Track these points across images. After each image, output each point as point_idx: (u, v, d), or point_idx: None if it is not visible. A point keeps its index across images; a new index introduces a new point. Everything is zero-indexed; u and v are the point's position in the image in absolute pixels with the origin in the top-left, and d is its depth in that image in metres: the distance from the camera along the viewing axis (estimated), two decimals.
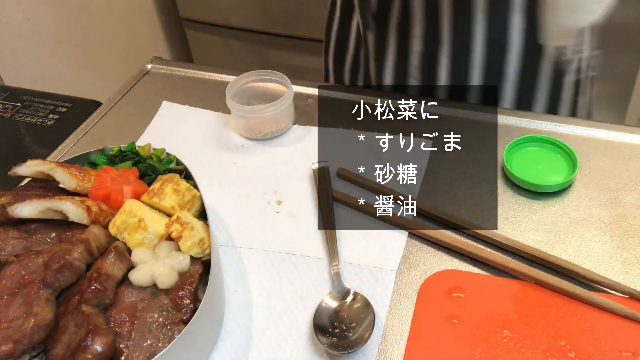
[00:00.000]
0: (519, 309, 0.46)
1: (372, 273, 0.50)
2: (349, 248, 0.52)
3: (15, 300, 0.40)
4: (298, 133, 0.66)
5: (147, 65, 0.79)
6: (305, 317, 0.47)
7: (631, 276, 0.48)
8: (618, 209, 0.54)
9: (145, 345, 0.40)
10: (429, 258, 0.51)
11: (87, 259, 0.43)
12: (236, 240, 0.54)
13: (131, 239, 0.45)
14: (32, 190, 0.49)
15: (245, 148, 0.65)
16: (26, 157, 0.50)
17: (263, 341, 0.46)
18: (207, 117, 0.69)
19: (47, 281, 0.41)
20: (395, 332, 0.46)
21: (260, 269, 0.51)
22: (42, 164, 0.49)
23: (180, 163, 0.54)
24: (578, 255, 0.50)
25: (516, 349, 0.43)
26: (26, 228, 0.46)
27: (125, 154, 0.55)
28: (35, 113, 0.74)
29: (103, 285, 0.41)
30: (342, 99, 0.70)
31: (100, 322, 0.40)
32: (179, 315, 0.42)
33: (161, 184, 0.48)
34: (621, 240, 0.51)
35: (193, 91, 0.74)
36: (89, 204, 0.46)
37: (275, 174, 0.61)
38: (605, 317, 0.45)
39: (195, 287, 0.43)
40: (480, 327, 0.45)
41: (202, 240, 0.45)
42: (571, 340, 0.44)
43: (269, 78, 0.67)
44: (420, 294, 0.48)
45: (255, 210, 0.57)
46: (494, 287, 0.48)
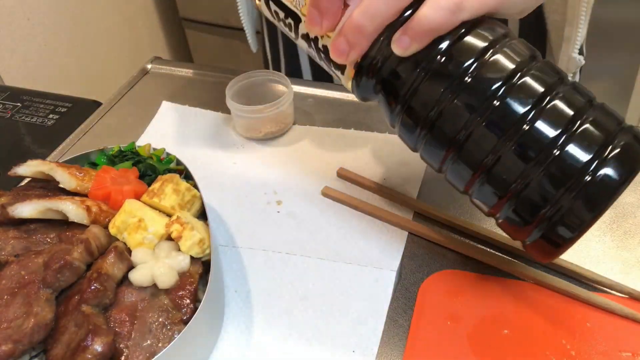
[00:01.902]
0: (519, 309, 0.46)
1: (372, 273, 0.50)
2: (349, 248, 0.52)
3: (15, 300, 0.40)
4: (298, 133, 0.66)
5: (147, 65, 0.79)
6: (306, 317, 0.47)
7: (631, 276, 0.48)
8: (618, 209, 0.54)
9: (145, 345, 0.40)
10: (429, 258, 0.51)
11: (87, 259, 0.43)
12: (236, 240, 0.54)
13: (131, 239, 0.45)
14: (32, 190, 0.49)
15: (245, 148, 0.65)
16: (26, 157, 0.50)
17: (263, 341, 0.46)
18: (207, 117, 0.69)
19: (47, 281, 0.41)
20: (395, 332, 0.46)
21: (260, 269, 0.51)
22: (42, 164, 0.49)
23: (180, 163, 0.54)
24: (578, 255, 0.50)
25: (516, 349, 0.43)
26: (26, 228, 0.46)
27: (125, 154, 0.55)
28: (35, 113, 0.74)
29: (103, 285, 0.41)
30: (338, 97, 0.70)
31: (100, 322, 0.40)
32: (179, 315, 0.42)
33: (161, 184, 0.48)
34: (621, 240, 0.51)
35: (193, 91, 0.74)
36: (89, 204, 0.46)
37: (275, 174, 0.61)
38: (605, 317, 0.45)
39: (195, 287, 0.43)
40: (480, 327, 0.45)
41: (202, 240, 0.45)
42: (571, 340, 0.44)
43: (269, 78, 0.67)
44: (420, 294, 0.48)
45: (255, 210, 0.57)
46: (494, 287, 0.48)
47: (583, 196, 0.35)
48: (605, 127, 0.36)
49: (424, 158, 0.42)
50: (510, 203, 0.37)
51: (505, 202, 0.37)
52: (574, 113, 0.35)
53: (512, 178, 0.36)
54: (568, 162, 0.35)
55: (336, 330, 0.46)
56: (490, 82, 0.36)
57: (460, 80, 0.36)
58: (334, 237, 0.53)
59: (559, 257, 0.39)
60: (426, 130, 0.39)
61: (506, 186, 0.37)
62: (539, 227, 0.37)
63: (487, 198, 0.39)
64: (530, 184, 0.36)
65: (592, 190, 0.34)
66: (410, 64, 0.38)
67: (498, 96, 0.36)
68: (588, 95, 0.37)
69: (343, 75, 0.43)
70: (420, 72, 0.38)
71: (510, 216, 0.38)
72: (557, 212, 0.36)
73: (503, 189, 0.37)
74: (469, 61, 0.36)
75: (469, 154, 0.37)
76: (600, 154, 0.35)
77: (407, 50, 0.37)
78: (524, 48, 0.38)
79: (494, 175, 0.37)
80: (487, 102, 0.36)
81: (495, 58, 0.36)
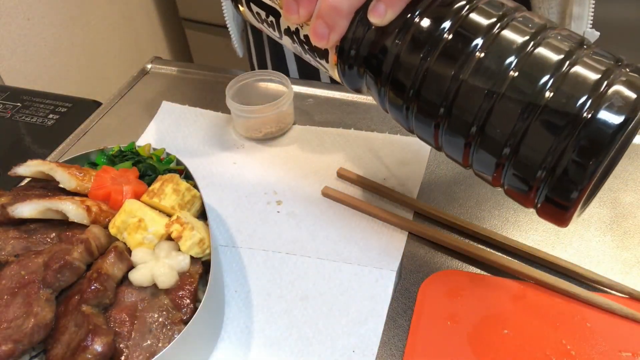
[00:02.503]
0: (519, 309, 0.46)
1: (372, 273, 0.50)
2: (349, 248, 0.52)
3: (15, 300, 0.40)
4: (298, 133, 0.66)
5: (147, 65, 0.79)
6: (306, 317, 0.47)
7: (631, 276, 0.48)
8: (618, 209, 0.54)
9: (145, 345, 0.40)
10: (429, 258, 0.51)
11: (87, 259, 0.43)
12: (236, 240, 0.54)
13: (131, 239, 0.45)
14: (32, 190, 0.49)
15: (245, 148, 0.65)
16: (26, 157, 0.50)
17: (263, 341, 0.46)
18: (207, 117, 0.69)
19: (47, 281, 0.41)
20: (395, 333, 0.46)
21: (260, 269, 0.51)
22: (42, 164, 0.49)
23: (180, 163, 0.54)
24: (578, 255, 0.50)
25: (516, 349, 0.43)
26: (26, 228, 0.46)
27: (125, 154, 0.55)
28: (35, 113, 0.74)
29: (103, 285, 0.41)
30: (337, 97, 0.70)
31: (100, 322, 0.40)
32: (179, 315, 0.42)
33: (161, 184, 0.48)
34: (621, 240, 0.51)
35: (193, 91, 0.74)
36: (89, 204, 0.46)
37: (275, 174, 0.61)
38: (605, 317, 0.45)
39: (195, 287, 0.43)
40: (480, 327, 0.45)
41: (202, 240, 0.45)
42: (571, 340, 0.44)
43: (269, 78, 0.67)
44: (420, 294, 0.48)
45: (255, 210, 0.57)
46: (494, 287, 0.48)
47: (582, 141, 0.31)
48: (600, 64, 0.32)
49: (420, 136, 0.41)
50: (508, 166, 0.35)
51: (503, 166, 0.35)
52: (563, 55, 0.33)
53: (504, 136, 0.34)
54: (560, 105, 0.31)
55: (336, 330, 0.46)
56: (469, 38, 0.34)
57: (437, 41, 0.35)
58: (334, 237, 0.53)
59: (571, 219, 0.35)
60: (413, 102, 0.38)
61: (500, 146, 0.34)
62: (541, 188, 0.34)
63: (485, 166, 0.36)
64: (523, 138, 0.33)
65: (590, 133, 0.31)
66: (388, 35, 0.38)
67: (478, 49, 0.34)
68: (579, 37, 0.34)
69: (328, 64, 0.42)
70: (398, 41, 0.37)
71: (511, 182, 0.36)
72: (557, 165, 0.32)
73: (497, 151, 0.34)
74: (444, 21, 0.35)
75: (457, 118, 0.36)
76: (596, 93, 0.31)
77: (384, 19, 0.37)
78: (501, 2, 0.36)
79: (486, 137, 0.35)
80: (467, 57, 0.34)
81: (471, 14, 0.35)
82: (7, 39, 1.22)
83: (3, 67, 1.22)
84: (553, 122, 0.32)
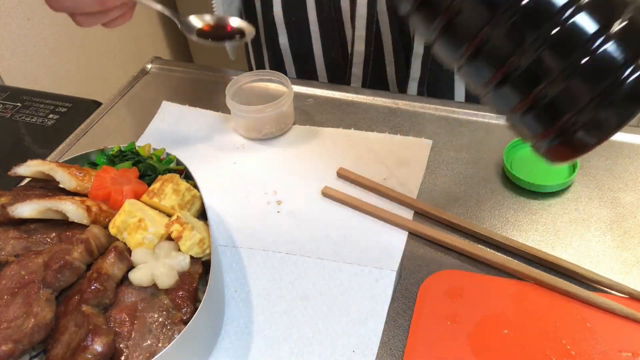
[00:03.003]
0: (519, 309, 0.46)
1: (372, 273, 0.50)
2: (349, 248, 0.52)
3: (15, 300, 0.40)
4: (298, 133, 0.66)
5: (147, 65, 0.79)
6: (306, 317, 0.47)
7: (631, 276, 0.48)
8: (618, 209, 0.54)
9: (145, 345, 0.40)
10: (429, 258, 0.51)
11: (87, 259, 0.43)
12: (236, 240, 0.54)
13: (131, 239, 0.45)
14: (32, 190, 0.49)
15: (245, 148, 0.65)
16: (26, 157, 0.50)
17: (263, 341, 0.46)
18: (207, 117, 0.69)
19: (47, 281, 0.41)
20: (395, 333, 0.46)
21: (260, 269, 0.51)
22: (42, 164, 0.49)
23: (180, 163, 0.54)
24: (578, 255, 0.50)
25: (516, 349, 0.43)
26: (26, 228, 0.46)
27: (125, 154, 0.55)
28: (35, 113, 0.74)
29: (103, 285, 0.41)
30: (337, 97, 0.70)
31: (100, 322, 0.40)
32: (179, 315, 0.42)
33: (161, 184, 0.48)
34: (621, 240, 0.51)
35: (193, 91, 0.74)
36: (89, 204, 0.46)
37: (275, 174, 0.61)
38: (605, 317, 0.45)
39: (195, 287, 0.43)
40: (480, 327, 0.45)
41: (202, 240, 0.45)
42: (571, 340, 0.44)
43: (269, 78, 0.67)
44: (420, 294, 0.48)
45: (255, 210, 0.57)
46: (494, 287, 0.48)
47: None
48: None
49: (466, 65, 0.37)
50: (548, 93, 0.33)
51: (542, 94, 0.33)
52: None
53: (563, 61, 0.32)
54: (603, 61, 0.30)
55: (336, 330, 0.46)
56: None
57: None
58: (334, 237, 0.53)
59: None
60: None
61: (555, 70, 0.32)
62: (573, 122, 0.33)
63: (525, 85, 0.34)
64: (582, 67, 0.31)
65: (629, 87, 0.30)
66: None
67: None
68: None
69: None
70: None
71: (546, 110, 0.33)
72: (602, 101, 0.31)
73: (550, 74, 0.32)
74: None
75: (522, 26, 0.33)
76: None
77: None
78: None
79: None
80: None
81: None
82: (7, 39, 1.22)
83: (3, 67, 1.22)
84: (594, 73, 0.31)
